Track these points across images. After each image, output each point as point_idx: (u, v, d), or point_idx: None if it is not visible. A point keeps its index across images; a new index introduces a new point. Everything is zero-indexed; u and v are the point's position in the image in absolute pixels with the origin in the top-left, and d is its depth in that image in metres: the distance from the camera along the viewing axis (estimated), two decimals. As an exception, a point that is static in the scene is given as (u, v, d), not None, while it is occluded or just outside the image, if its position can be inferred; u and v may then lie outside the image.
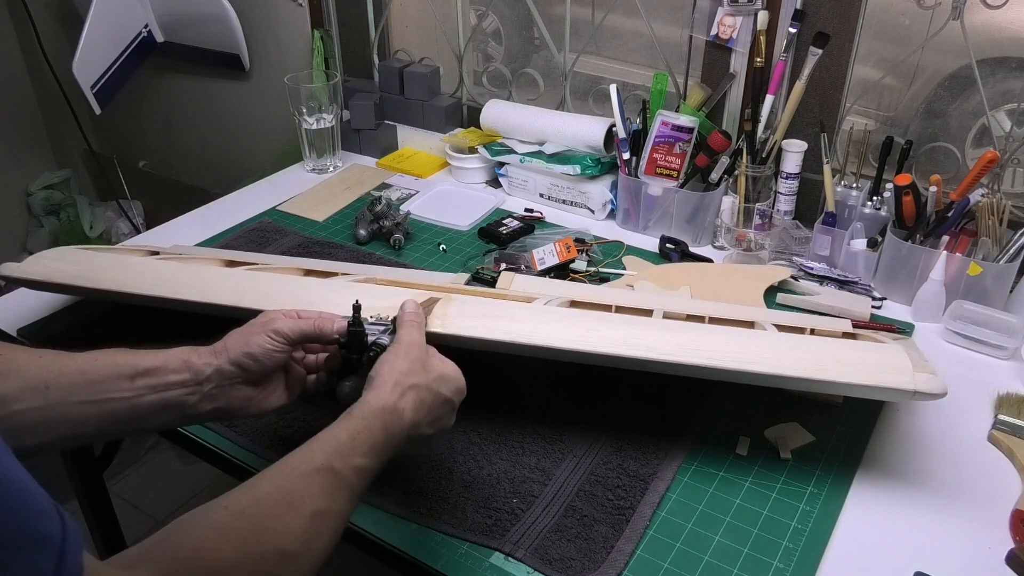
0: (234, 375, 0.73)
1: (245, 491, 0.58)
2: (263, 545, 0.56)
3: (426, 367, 0.73)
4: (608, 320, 0.88)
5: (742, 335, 0.88)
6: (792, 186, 1.30)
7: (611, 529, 0.79)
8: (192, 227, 1.39)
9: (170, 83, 2.20)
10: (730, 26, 1.31)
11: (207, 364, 0.72)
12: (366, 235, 1.33)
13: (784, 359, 0.81)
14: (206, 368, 0.72)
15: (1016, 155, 1.22)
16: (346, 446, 0.64)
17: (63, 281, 0.99)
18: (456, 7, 1.67)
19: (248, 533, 0.56)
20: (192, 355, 0.73)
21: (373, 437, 0.65)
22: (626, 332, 0.85)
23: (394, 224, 1.31)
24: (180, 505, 2.00)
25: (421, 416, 0.70)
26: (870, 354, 0.83)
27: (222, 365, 0.73)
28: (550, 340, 0.83)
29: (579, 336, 0.84)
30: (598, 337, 0.84)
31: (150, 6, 1.94)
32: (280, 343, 0.74)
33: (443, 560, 0.76)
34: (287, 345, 0.75)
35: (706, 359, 0.81)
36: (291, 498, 0.59)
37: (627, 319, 0.88)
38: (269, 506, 0.58)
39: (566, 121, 1.44)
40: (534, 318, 0.88)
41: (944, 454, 0.90)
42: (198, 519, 0.55)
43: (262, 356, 0.73)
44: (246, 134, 2.12)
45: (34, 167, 2.48)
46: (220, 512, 0.56)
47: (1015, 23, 1.17)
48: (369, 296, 0.81)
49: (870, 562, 0.77)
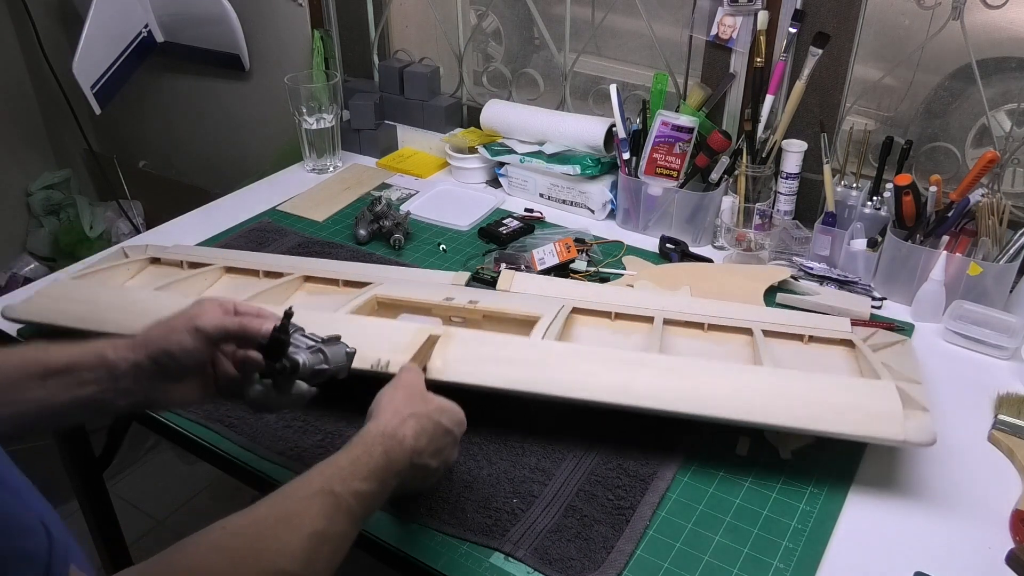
0: (151, 371, 0.72)
1: (244, 513, 0.59)
2: (260, 563, 0.56)
3: (425, 399, 0.74)
4: (606, 361, 0.89)
5: (738, 376, 0.88)
6: (792, 186, 1.30)
7: (611, 529, 0.79)
8: (192, 227, 1.39)
9: (170, 83, 2.20)
10: (730, 26, 1.31)
11: (123, 359, 0.71)
12: (366, 235, 1.33)
13: (777, 408, 0.83)
14: (122, 363, 0.71)
15: (1016, 155, 1.22)
16: (346, 470, 0.64)
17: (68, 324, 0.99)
18: (456, 7, 1.67)
19: (245, 552, 0.56)
20: (108, 349, 0.71)
21: (373, 461, 0.65)
22: (623, 378, 0.87)
23: (394, 224, 1.31)
24: (180, 505, 2.00)
25: (423, 444, 0.70)
26: (862, 398, 0.84)
27: (140, 360, 0.71)
28: (549, 388, 0.86)
29: (577, 383, 0.86)
30: (596, 384, 0.86)
31: (150, 6, 1.94)
32: (200, 342, 0.72)
33: (443, 560, 0.76)
34: (208, 344, 0.73)
35: (701, 408, 0.84)
36: (289, 518, 0.59)
37: (624, 359, 0.89)
38: (267, 526, 0.58)
39: (566, 121, 1.44)
40: (532, 361, 0.89)
41: (944, 454, 0.90)
42: (197, 539, 0.55)
43: (181, 355, 0.72)
44: (246, 134, 2.12)
45: (34, 167, 2.48)
46: (218, 532, 0.56)
47: (1015, 23, 1.17)
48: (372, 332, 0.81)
49: (870, 562, 0.77)
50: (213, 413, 0.94)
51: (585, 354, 0.91)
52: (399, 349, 0.89)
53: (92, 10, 1.83)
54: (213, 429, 0.92)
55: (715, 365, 0.90)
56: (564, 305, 1.05)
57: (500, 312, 1.03)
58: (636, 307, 1.07)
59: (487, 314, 1.03)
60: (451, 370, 0.87)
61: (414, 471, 0.70)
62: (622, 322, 1.06)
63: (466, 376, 0.87)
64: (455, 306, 1.04)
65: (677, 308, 1.08)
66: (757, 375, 0.89)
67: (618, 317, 1.06)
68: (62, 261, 2.44)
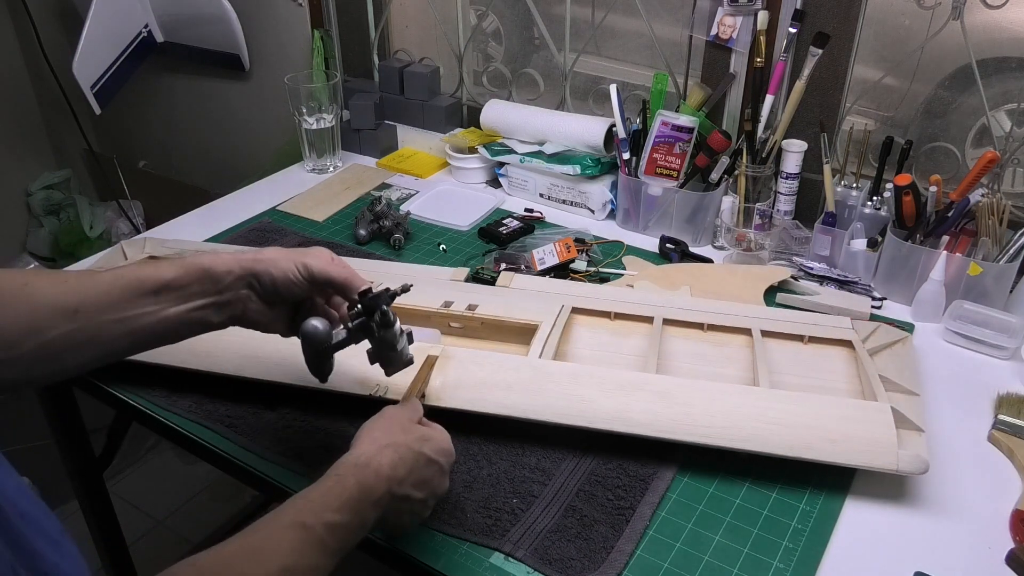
0: (251, 288, 0.74)
1: (214, 550, 0.58)
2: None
3: (406, 429, 0.74)
4: (602, 383, 0.90)
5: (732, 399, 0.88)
6: (792, 186, 1.30)
7: (611, 529, 0.79)
8: (192, 227, 1.39)
9: (170, 83, 2.20)
10: (730, 26, 1.32)
11: (228, 272, 0.72)
12: (366, 235, 1.33)
13: (771, 436, 0.84)
14: (226, 276, 0.72)
15: (1016, 155, 1.22)
16: (317, 502, 0.63)
17: None
18: (456, 7, 1.67)
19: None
20: (215, 261, 0.73)
21: (347, 492, 0.65)
22: (619, 404, 0.87)
23: (394, 224, 1.31)
24: (180, 505, 2.00)
25: (401, 473, 0.69)
26: (857, 424, 0.85)
27: (242, 275, 0.73)
28: (545, 416, 0.87)
29: (574, 411, 0.87)
30: (593, 412, 0.87)
31: (150, 6, 1.94)
32: (301, 279, 0.74)
33: (443, 560, 0.76)
34: (308, 283, 0.75)
35: (696, 437, 0.85)
36: (257, 555, 0.58)
37: (620, 382, 0.90)
38: (235, 562, 0.58)
39: (566, 121, 1.44)
40: (529, 386, 0.90)
41: (944, 454, 0.90)
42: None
43: (282, 283, 0.74)
44: (246, 134, 2.12)
45: (34, 167, 2.49)
46: (186, 570, 0.56)
47: (1015, 23, 1.17)
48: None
49: (870, 562, 0.77)
50: (213, 413, 0.94)
51: (582, 377, 0.91)
52: None
53: (92, 10, 1.83)
54: (213, 429, 0.92)
55: (710, 387, 0.91)
56: (564, 305, 1.06)
57: (499, 320, 1.03)
58: (636, 307, 1.07)
59: (486, 321, 1.04)
60: (449, 396, 0.89)
61: (398, 502, 0.69)
62: (621, 322, 1.06)
63: (464, 403, 0.88)
64: (454, 313, 1.04)
65: (677, 308, 1.08)
66: (752, 398, 0.89)
67: (617, 317, 1.07)
68: (62, 261, 2.44)
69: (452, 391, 0.89)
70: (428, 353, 0.93)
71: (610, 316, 1.07)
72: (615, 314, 1.07)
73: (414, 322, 1.05)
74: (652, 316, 1.05)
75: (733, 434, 0.85)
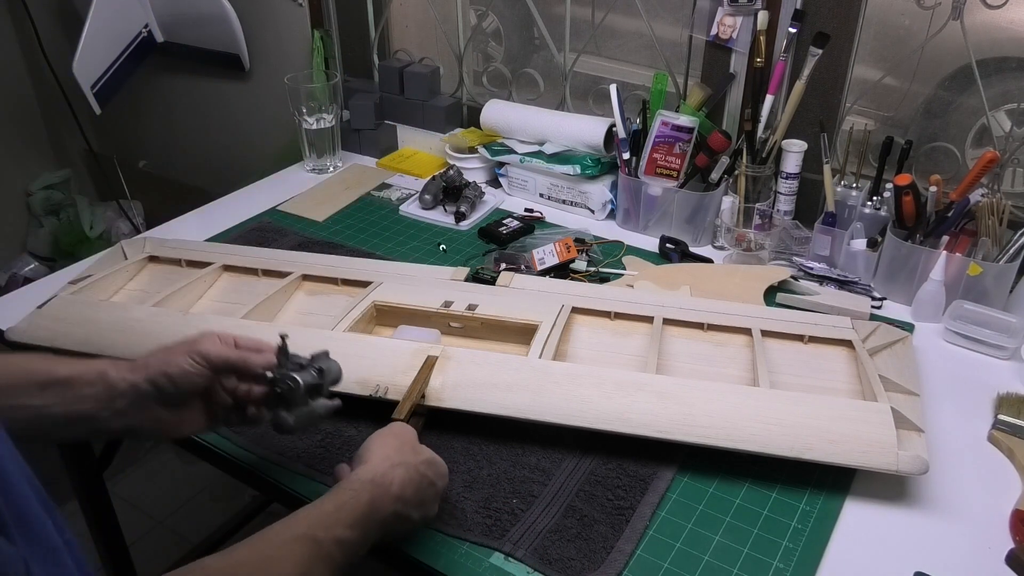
0: (149, 394, 0.72)
1: (223, 555, 0.58)
2: None
3: (415, 450, 0.75)
4: (602, 384, 0.90)
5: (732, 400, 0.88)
6: (792, 186, 1.30)
7: (611, 529, 0.79)
8: (192, 227, 1.39)
9: (170, 83, 2.20)
10: (730, 26, 1.31)
11: (123, 379, 0.71)
12: (431, 200, 1.40)
13: (770, 437, 0.84)
14: (121, 383, 0.71)
15: (1016, 155, 1.22)
16: (330, 516, 0.64)
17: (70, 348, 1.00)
18: (456, 7, 1.67)
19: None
20: (110, 368, 0.72)
21: (360, 509, 0.65)
22: (619, 405, 0.87)
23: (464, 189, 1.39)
24: (180, 505, 2.00)
25: (408, 493, 0.70)
26: (857, 425, 0.85)
27: (138, 382, 0.72)
28: (545, 416, 0.87)
29: (574, 411, 0.87)
30: (592, 413, 0.87)
31: (150, 6, 1.94)
32: (201, 367, 0.73)
33: (443, 560, 0.76)
34: (208, 370, 0.73)
35: (695, 437, 0.85)
36: (267, 565, 0.59)
37: (620, 383, 0.90)
38: (244, 571, 0.58)
39: (566, 121, 1.44)
40: (529, 386, 0.90)
41: (944, 454, 0.90)
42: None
43: (180, 378, 0.72)
44: (246, 134, 2.11)
45: (34, 167, 2.48)
46: (197, 572, 0.56)
47: (1015, 23, 1.17)
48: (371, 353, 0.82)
49: (870, 562, 0.77)
50: (213, 413, 0.94)
51: (582, 377, 0.91)
52: (399, 370, 0.90)
53: (92, 10, 1.83)
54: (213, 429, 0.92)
55: (710, 387, 0.90)
56: (564, 305, 1.05)
57: (499, 320, 1.03)
58: (636, 307, 1.07)
59: (485, 321, 1.04)
60: (449, 396, 0.89)
61: (399, 522, 0.70)
62: (621, 322, 1.06)
63: (464, 403, 0.89)
64: (454, 313, 1.04)
65: (677, 308, 1.08)
66: (751, 398, 0.89)
67: (617, 317, 1.07)
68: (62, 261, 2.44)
69: (452, 391, 0.89)
70: (428, 353, 0.93)
71: (610, 316, 1.07)
72: (615, 314, 1.07)
73: (414, 322, 1.05)
74: (652, 316, 1.05)
75: (733, 434, 0.85)
